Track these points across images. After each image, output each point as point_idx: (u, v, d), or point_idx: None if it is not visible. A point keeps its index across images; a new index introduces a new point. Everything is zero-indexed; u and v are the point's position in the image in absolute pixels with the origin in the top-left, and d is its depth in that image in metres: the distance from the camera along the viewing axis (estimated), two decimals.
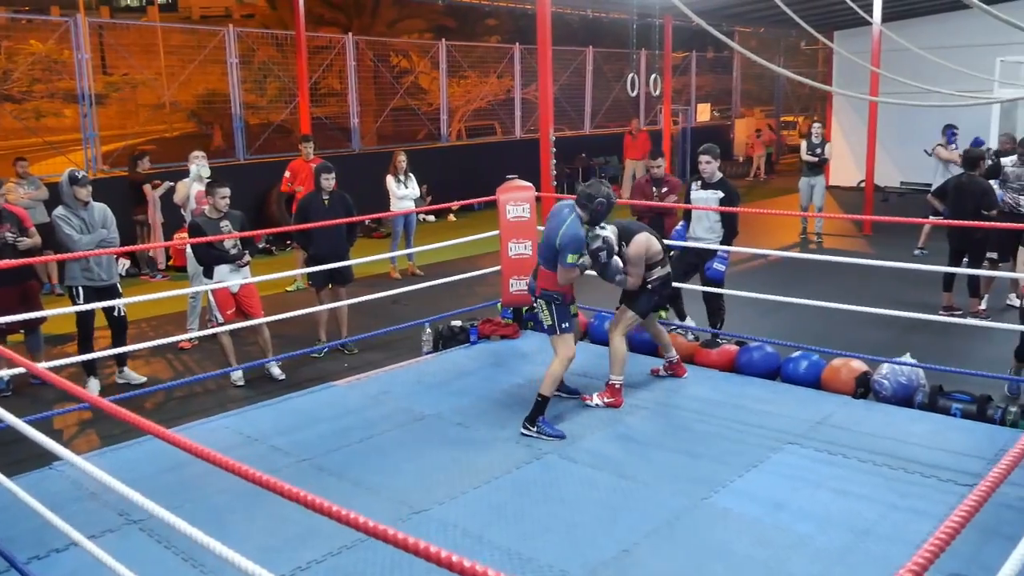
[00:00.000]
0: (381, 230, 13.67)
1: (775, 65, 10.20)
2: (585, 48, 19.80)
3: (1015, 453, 2.09)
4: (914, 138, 16.47)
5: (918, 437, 5.25)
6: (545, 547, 4.05)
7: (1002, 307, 8.44)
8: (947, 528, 1.75)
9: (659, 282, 6.00)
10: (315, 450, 5.27)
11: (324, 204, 7.43)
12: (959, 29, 15.60)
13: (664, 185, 7.97)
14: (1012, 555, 1.96)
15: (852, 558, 3.93)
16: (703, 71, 24.71)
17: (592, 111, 20.12)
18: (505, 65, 18.40)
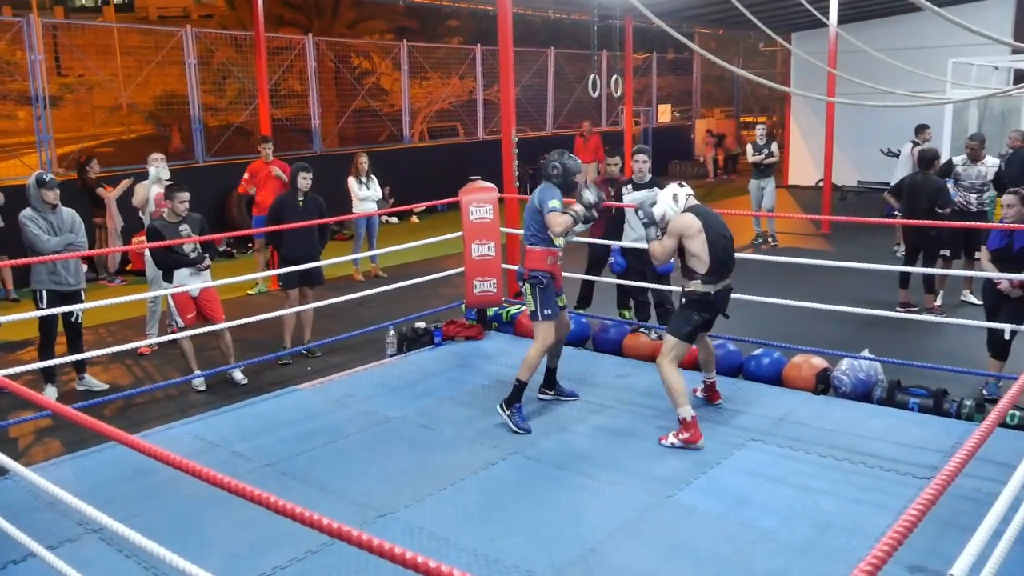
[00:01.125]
0: (343, 232, 13.59)
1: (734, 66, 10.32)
2: (547, 49, 19.86)
3: (970, 446, 2.13)
4: (870, 138, 16.78)
5: (877, 431, 5.34)
6: (512, 547, 4.06)
7: (956, 303, 8.61)
8: (905, 521, 1.78)
9: (697, 297, 5.26)
10: (278, 455, 5.23)
11: (299, 205, 7.36)
12: (913, 31, 15.91)
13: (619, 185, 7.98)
14: (968, 545, 2.00)
15: (814, 552, 3.98)
16: (664, 72, 24.91)
17: (554, 112, 20.18)
18: (467, 66, 18.38)
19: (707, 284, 5.21)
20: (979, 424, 2.27)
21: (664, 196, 5.42)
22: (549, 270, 5.60)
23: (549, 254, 5.62)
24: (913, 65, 13.01)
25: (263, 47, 10.61)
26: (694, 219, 5.19)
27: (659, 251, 5.34)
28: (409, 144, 17.12)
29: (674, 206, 5.34)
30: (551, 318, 5.60)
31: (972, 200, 8.61)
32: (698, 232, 5.15)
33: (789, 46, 15.56)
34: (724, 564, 3.90)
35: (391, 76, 18.97)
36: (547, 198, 5.50)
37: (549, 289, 5.59)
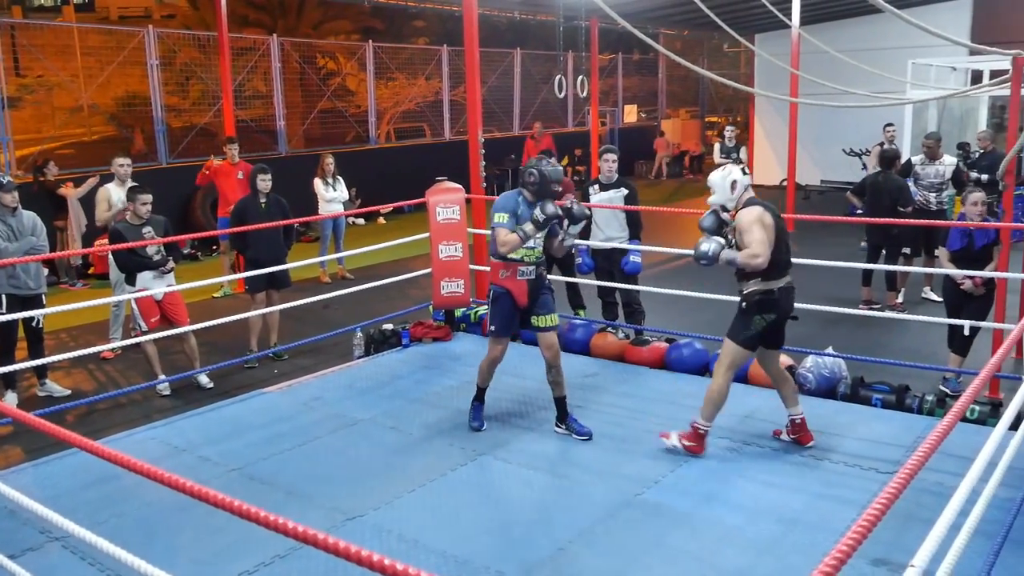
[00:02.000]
0: (310, 234, 13.49)
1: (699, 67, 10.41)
2: (513, 50, 19.87)
3: (931, 441, 2.17)
4: (833, 138, 17.01)
5: (841, 427, 5.41)
6: (481, 548, 4.06)
7: (918, 300, 8.75)
8: (869, 516, 1.81)
9: (759, 297, 4.78)
10: (245, 459, 5.18)
11: (262, 207, 7.30)
12: (873, 33, 16.14)
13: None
14: (927, 538, 2.03)
15: (780, 547, 4.03)
16: (629, 73, 25.03)
17: (521, 112, 20.20)
18: (433, 67, 18.34)
19: (768, 281, 4.76)
20: (940, 419, 2.31)
21: (719, 181, 4.83)
22: (503, 285, 5.28)
23: (503, 267, 5.27)
24: (874, 66, 13.20)
25: (227, 47, 10.51)
26: (763, 210, 4.72)
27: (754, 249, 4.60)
28: (375, 145, 17.05)
29: (729, 194, 4.80)
30: (495, 335, 5.36)
31: (932, 199, 8.76)
32: (768, 227, 4.69)
33: (753, 47, 15.68)
34: (692, 561, 3.93)
35: (357, 77, 18.89)
36: (495, 211, 5.17)
37: (500, 304, 5.29)
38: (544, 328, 5.32)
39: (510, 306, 5.29)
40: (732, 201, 4.80)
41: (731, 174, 4.80)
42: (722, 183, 4.80)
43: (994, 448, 2.65)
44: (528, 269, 5.26)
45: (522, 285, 5.27)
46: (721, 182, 4.81)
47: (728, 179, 4.79)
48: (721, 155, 12.21)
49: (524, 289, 5.28)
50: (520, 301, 5.29)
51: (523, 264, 5.25)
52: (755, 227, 4.63)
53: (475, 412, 5.53)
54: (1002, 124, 12.88)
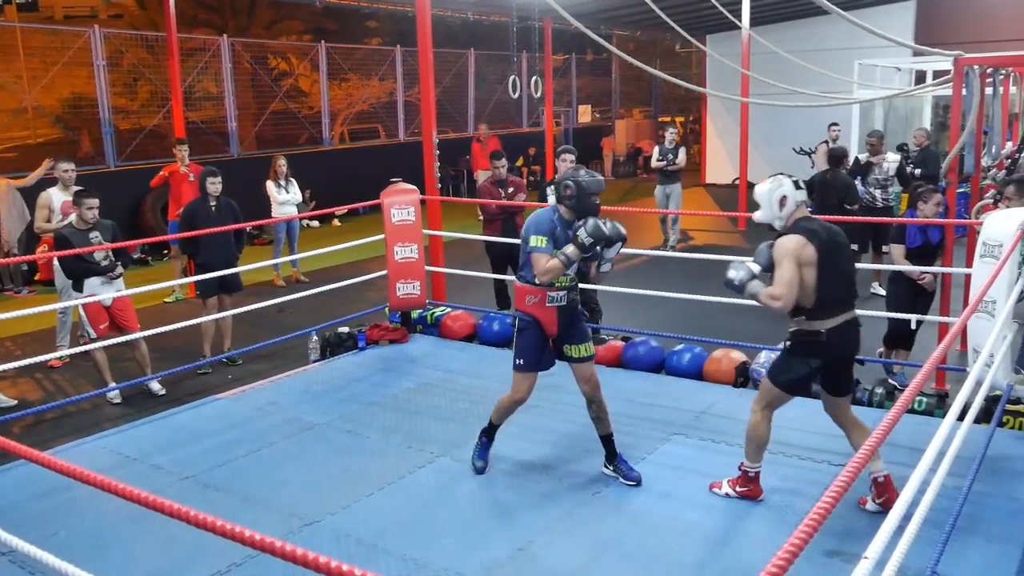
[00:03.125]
0: (263, 237, 13.34)
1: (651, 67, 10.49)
2: (467, 50, 19.86)
3: (879, 433, 2.21)
4: (784, 137, 17.26)
5: (794, 421, 5.48)
6: (441, 550, 4.05)
7: (866, 295, 8.92)
8: (820, 508, 1.83)
9: (804, 338, 4.12)
10: (199, 466, 5.10)
11: (212, 211, 7.20)
12: (821, 34, 16.43)
13: (510, 185, 8.03)
14: (881, 528, 2.07)
15: (737, 541, 4.08)
16: (583, 73, 25.16)
17: (475, 113, 20.19)
18: (387, 67, 18.25)
19: (815, 320, 4.07)
20: (888, 411, 2.35)
21: (765, 193, 4.15)
22: (530, 312, 4.61)
23: (530, 292, 4.58)
24: (822, 66, 13.45)
25: (176, 48, 10.36)
26: (805, 242, 4.00)
27: (777, 291, 3.97)
28: (329, 146, 16.92)
29: (777, 211, 4.12)
30: (523, 369, 4.65)
31: (878, 196, 8.94)
32: (811, 261, 4.00)
33: (704, 48, 15.87)
34: (651, 557, 3.97)
35: (310, 78, 18.73)
36: (531, 232, 4.47)
37: (528, 334, 4.61)
38: (580, 359, 4.68)
39: (539, 337, 4.63)
40: (780, 220, 4.13)
41: (780, 187, 4.11)
42: (769, 197, 4.13)
43: (942, 439, 2.71)
44: (559, 295, 4.59)
45: (551, 313, 4.61)
46: (768, 196, 4.13)
47: (776, 193, 4.11)
48: (659, 157, 11.88)
49: (554, 317, 4.62)
50: (550, 330, 4.64)
51: (553, 289, 4.57)
52: (786, 262, 3.97)
53: (480, 450, 4.90)
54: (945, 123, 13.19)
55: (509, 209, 7.81)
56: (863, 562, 1.86)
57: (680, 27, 11.77)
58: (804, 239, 4.01)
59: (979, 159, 8.40)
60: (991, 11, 16.46)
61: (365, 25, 25.14)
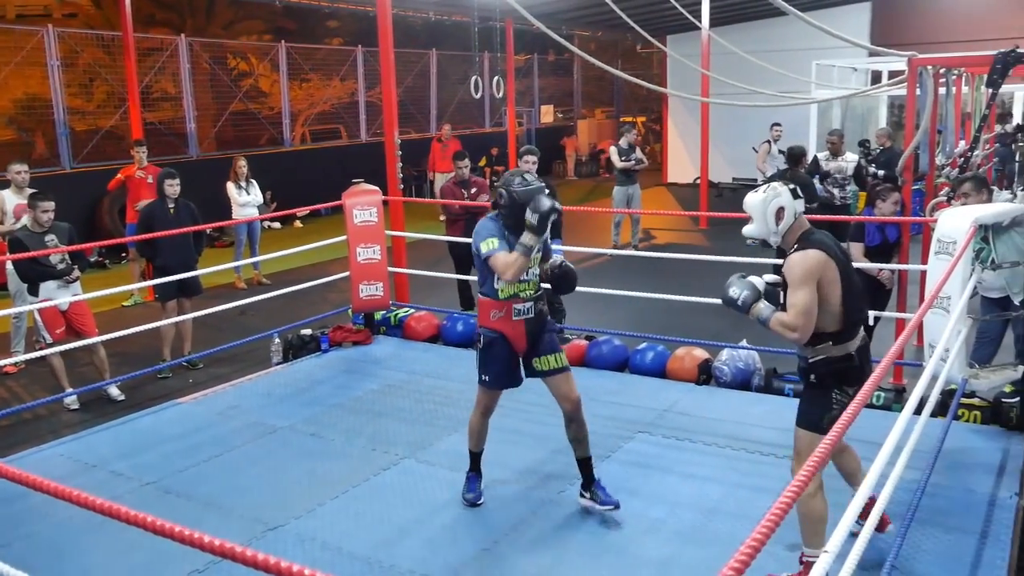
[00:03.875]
0: (224, 239, 13.20)
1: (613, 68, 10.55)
2: (429, 51, 19.81)
3: (839, 428, 2.24)
4: (744, 136, 17.42)
5: (756, 418, 5.56)
6: (406, 552, 4.04)
7: None
8: (782, 503, 1.86)
9: (835, 367, 3.55)
10: (160, 472, 5.03)
11: (170, 213, 7.11)
12: (779, 34, 16.63)
13: (472, 186, 8.04)
14: (841, 521, 2.10)
15: (701, 537, 4.12)
16: (545, 73, 25.22)
17: (438, 113, 20.15)
18: (348, 67, 18.15)
19: (842, 343, 3.54)
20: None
21: (758, 205, 3.60)
22: (496, 328, 4.31)
23: (495, 308, 4.31)
24: (780, 67, 13.62)
25: (132, 47, 10.21)
26: (827, 258, 3.48)
27: (791, 320, 3.44)
28: (290, 147, 16.79)
29: (773, 226, 3.59)
30: (488, 385, 4.41)
31: (836, 194, 9.07)
32: (835, 280, 3.48)
33: (665, 48, 15.98)
34: (616, 555, 3.99)
35: (270, 78, 18.56)
36: (480, 239, 4.20)
37: (493, 351, 4.32)
38: (551, 371, 4.33)
39: (506, 353, 4.33)
40: (776, 236, 3.61)
41: (776, 197, 3.57)
42: (762, 209, 3.58)
43: (900, 432, 2.76)
44: (526, 307, 4.31)
45: (519, 327, 4.31)
46: (761, 208, 3.58)
47: (772, 205, 3.56)
48: (620, 157, 11.68)
49: (522, 331, 4.31)
50: (518, 346, 4.34)
51: (519, 300, 4.29)
52: (805, 285, 3.42)
53: (471, 483, 4.58)
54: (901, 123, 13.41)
55: (472, 209, 7.81)
56: (823, 555, 1.88)
57: (641, 27, 11.86)
58: (825, 255, 3.46)
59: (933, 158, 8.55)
60: (944, 13, 16.79)
61: (326, 25, 24.97)
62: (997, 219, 4.85)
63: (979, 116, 8.95)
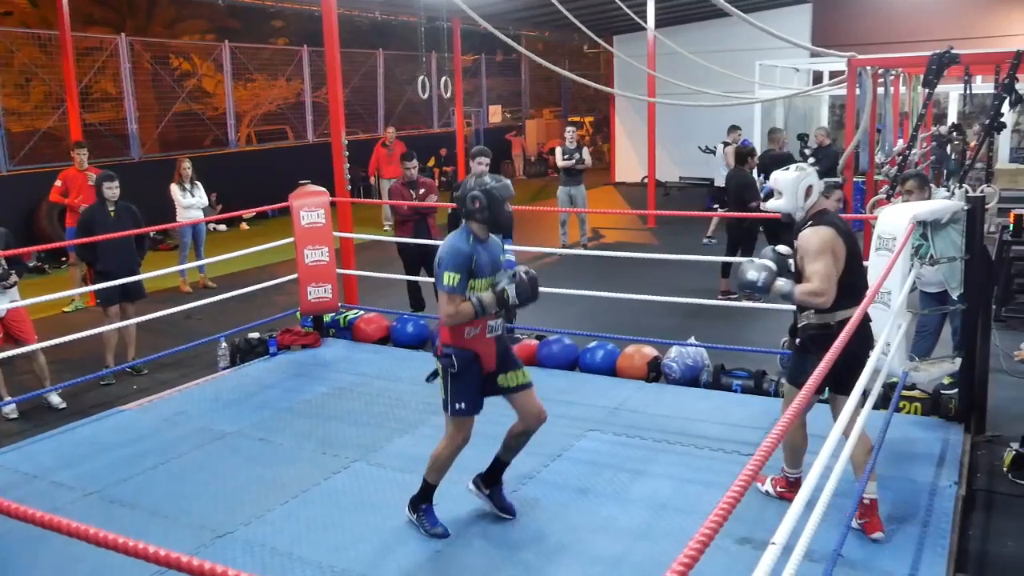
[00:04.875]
0: (168, 242, 12.96)
1: (560, 68, 10.60)
2: (375, 51, 19.68)
3: (784, 423, 2.28)
4: (690, 136, 17.67)
5: (704, 414, 5.63)
6: (358, 556, 4.01)
7: None
8: (729, 497, 1.88)
9: (814, 332, 3.97)
10: (104, 481, 4.92)
11: (111, 216, 6.96)
12: (723, 35, 16.87)
13: (421, 187, 8.02)
14: (787, 514, 2.14)
15: (652, 533, 4.15)
16: (493, 73, 25.22)
17: (386, 113, 20.04)
18: (294, 68, 17.95)
19: (825, 313, 3.92)
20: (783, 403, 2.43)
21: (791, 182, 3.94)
22: (467, 346, 4.02)
23: (470, 325, 4.00)
24: (725, 67, 13.82)
25: (70, 47, 9.98)
26: (835, 235, 3.88)
27: (817, 287, 3.78)
28: (235, 148, 16.55)
29: (802, 202, 3.96)
30: (461, 414, 4.07)
31: None
32: (842, 256, 3.89)
33: (611, 49, 16.11)
34: (568, 554, 4.00)
35: (214, 78, 18.30)
36: (444, 268, 3.90)
37: (466, 374, 4.02)
38: (519, 387, 4.15)
39: (477, 375, 4.06)
40: (802, 211, 3.98)
41: (807, 177, 3.96)
42: (795, 186, 3.93)
43: (843, 425, 2.81)
44: (497, 323, 4.11)
45: (491, 345, 4.08)
46: (794, 185, 3.93)
47: (803, 183, 3.94)
48: (563, 157, 11.52)
49: (493, 350, 4.10)
50: (488, 365, 4.09)
51: (492, 317, 4.06)
52: (823, 258, 3.81)
53: (429, 516, 4.22)
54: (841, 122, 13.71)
55: (421, 210, 7.78)
56: (771, 548, 1.91)
57: (587, 28, 11.94)
58: (835, 232, 3.87)
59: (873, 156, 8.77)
60: (882, 14, 17.19)
61: (271, 24, 24.66)
62: (935, 216, 4.99)
63: (916, 115, 9.18)
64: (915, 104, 11.25)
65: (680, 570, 1.56)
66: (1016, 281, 8.10)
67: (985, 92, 9.86)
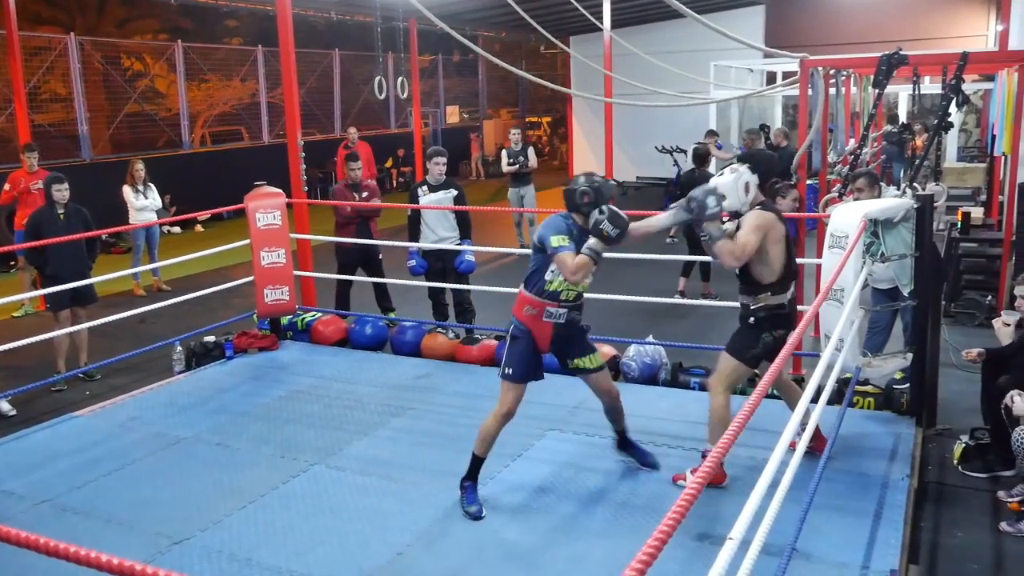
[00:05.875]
0: (120, 245, 12.75)
1: (517, 68, 10.61)
2: (331, 51, 19.54)
3: (740, 418, 2.31)
4: (647, 136, 17.82)
5: (664, 411, 5.68)
6: (318, 560, 3.97)
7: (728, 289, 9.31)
8: (687, 494, 1.90)
9: (770, 312, 4.40)
10: (56, 489, 4.82)
11: (60, 219, 6.82)
12: (679, 36, 17.04)
13: (364, 190, 8.00)
14: (744, 510, 2.17)
15: (612, 531, 4.18)
16: (450, 74, 25.20)
17: (342, 114, 19.91)
18: (248, 68, 17.75)
19: (778, 294, 4.39)
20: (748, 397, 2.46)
21: (731, 184, 4.27)
22: (524, 323, 4.41)
23: (528, 303, 4.39)
24: (680, 68, 13.95)
25: (17, 46, 9.76)
26: (776, 219, 4.30)
27: (737, 250, 4.20)
28: (189, 149, 16.33)
29: (744, 197, 4.31)
30: (512, 379, 4.39)
31: None
32: (780, 238, 4.31)
33: (568, 49, 16.18)
34: (530, 553, 4.01)
35: (167, 78, 18.03)
36: (549, 233, 4.24)
37: (519, 343, 4.39)
38: (593, 369, 4.56)
39: (530, 348, 4.40)
40: (746, 206, 4.33)
41: (743, 176, 4.30)
42: (734, 187, 4.26)
43: (798, 420, 2.85)
44: (559, 312, 4.38)
45: (546, 328, 4.40)
46: (733, 186, 4.26)
47: (741, 181, 4.28)
48: (509, 160, 11.37)
49: (548, 333, 4.42)
50: (541, 345, 4.44)
51: (554, 304, 4.36)
52: (756, 232, 4.22)
53: (470, 494, 4.44)
54: (795, 121, 13.91)
55: (364, 213, 7.76)
56: (728, 543, 1.93)
57: (544, 28, 11.97)
58: (776, 218, 4.30)
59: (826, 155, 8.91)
60: (833, 16, 17.49)
61: (224, 24, 24.37)
62: (886, 215, 5.08)
63: (867, 115, 9.35)
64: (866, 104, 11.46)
65: (639, 568, 1.57)
66: (964, 277, 8.30)
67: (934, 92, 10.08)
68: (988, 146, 11.13)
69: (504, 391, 4.43)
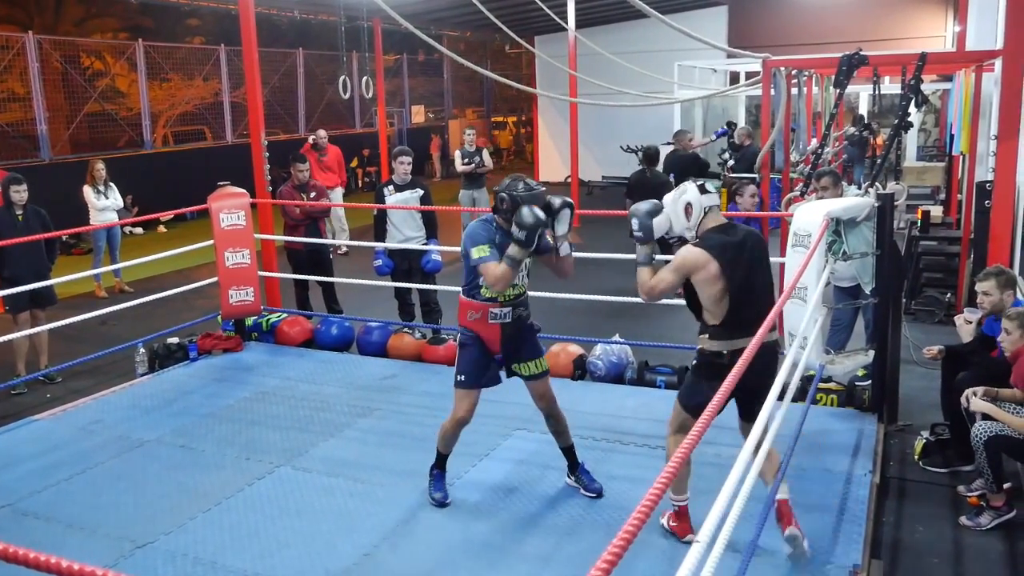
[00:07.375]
0: (81, 246, 12.55)
1: (482, 68, 10.61)
2: (295, 50, 19.39)
3: (706, 416, 2.33)
4: (612, 136, 17.88)
5: (630, 410, 5.71)
6: (284, 563, 3.94)
7: None
8: (653, 492, 1.91)
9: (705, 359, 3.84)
10: (16, 494, 4.73)
11: (18, 220, 6.71)
12: (643, 36, 17.13)
13: (312, 190, 7.96)
14: (711, 512, 2.18)
15: (580, 529, 4.19)
16: (415, 73, 25.12)
17: (307, 114, 19.76)
18: (211, 67, 17.56)
19: (717, 340, 3.77)
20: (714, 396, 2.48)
21: (670, 205, 3.85)
22: (471, 328, 4.39)
23: (471, 308, 4.37)
24: (644, 68, 14.02)
25: None
26: (708, 258, 3.65)
27: (649, 285, 3.84)
28: (151, 149, 16.11)
29: (685, 221, 3.81)
30: (463, 385, 4.40)
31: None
32: (714, 278, 3.67)
33: (533, 49, 16.19)
34: (497, 553, 4.01)
35: (127, 78, 17.79)
36: (470, 245, 4.18)
37: (469, 350, 4.39)
38: (531, 376, 4.49)
39: (480, 352, 4.39)
40: (691, 231, 3.81)
41: (683, 195, 3.80)
42: (674, 208, 3.82)
43: (764, 417, 2.88)
44: (503, 312, 4.35)
45: (494, 330, 4.37)
46: (672, 207, 3.82)
47: (680, 202, 3.80)
48: (463, 160, 11.09)
49: (496, 335, 4.38)
50: (492, 348, 4.42)
51: (496, 305, 4.33)
52: (672, 274, 3.76)
53: (436, 482, 4.53)
54: (758, 121, 14.04)
55: (312, 214, 7.73)
56: (695, 545, 1.95)
57: (508, 28, 11.97)
58: (708, 256, 3.65)
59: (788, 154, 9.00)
60: (796, 16, 17.69)
61: (186, 23, 24.07)
62: (848, 214, 5.15)
63: (828, 115, 9.47)
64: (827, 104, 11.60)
65: (605, 567, 1.58)
66: (924, 275, 8.45)
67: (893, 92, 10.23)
68: (947, 145, 11.34)
69: (458, 398, 4.42)
